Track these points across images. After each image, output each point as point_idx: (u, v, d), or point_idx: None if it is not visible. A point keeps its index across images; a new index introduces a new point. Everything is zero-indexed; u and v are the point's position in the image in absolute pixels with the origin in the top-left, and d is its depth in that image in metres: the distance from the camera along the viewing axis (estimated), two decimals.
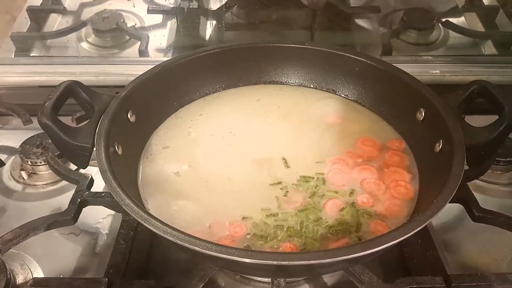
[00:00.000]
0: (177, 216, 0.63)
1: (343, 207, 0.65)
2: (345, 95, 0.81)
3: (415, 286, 0.62)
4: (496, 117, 0.64)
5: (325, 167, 0.70)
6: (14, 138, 0.91)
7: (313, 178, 0.69)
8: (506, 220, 0.70)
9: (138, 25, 1.19)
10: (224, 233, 0.61)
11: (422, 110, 0.70)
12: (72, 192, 0.75)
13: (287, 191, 0.67)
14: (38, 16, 1.18)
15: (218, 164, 0.71)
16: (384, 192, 0.67)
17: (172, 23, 1.18)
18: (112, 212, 0.77)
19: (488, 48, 1.13)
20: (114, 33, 1.14)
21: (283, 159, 0.71)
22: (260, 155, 0.72)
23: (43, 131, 0.62)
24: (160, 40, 1.14)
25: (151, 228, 0.52)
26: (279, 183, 0.68)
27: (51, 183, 0.84)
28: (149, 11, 1.19)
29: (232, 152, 0.73)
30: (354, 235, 0.61)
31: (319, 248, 0.59)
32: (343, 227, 0.62)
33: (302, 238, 0.61)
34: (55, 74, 0.98)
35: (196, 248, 0.49)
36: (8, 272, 0.63)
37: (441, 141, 0.65)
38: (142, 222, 0.52)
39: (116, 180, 0.57)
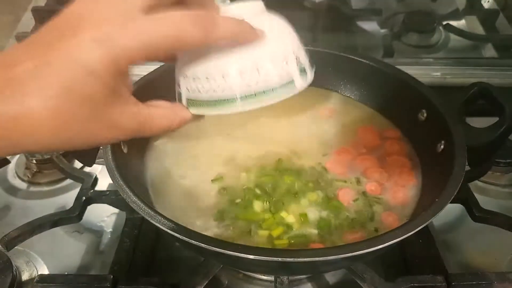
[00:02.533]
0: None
1: (357, 198, 0.65)
2: (347, 96, 0.82)
3: (416, 284, 0.62)
4: (496, 119, 0.65)
5: (329, 159, 0.71)
6: None
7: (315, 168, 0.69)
8: (506, 220, 0.71)
9: None
10: None
11: (424, 111, 0.70)
12: (77, 190, 0.76)
13: None
14: (42, 16, 1.18)
15: (220, 165, 0.70)
16: (388, 180, 0.68)
17: None
18: (116, 210, 0.78)
19: (488, 51, 1.14)
20: None
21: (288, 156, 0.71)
22: (263, 153, 0.71)
23: None
24: None
25: (157, 224, 0.52)
26: None
27: (56, 181, 0.85)
28: None
29: (232, 154, 0.71)
30: (370, 226, 0.62)
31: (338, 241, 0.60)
32: (361, 219, 0.62)
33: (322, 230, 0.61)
34: None
35: (203, 245, 0.49)
36: (14, 269, 0.63)
37: (443, 142, 0.65)
38: (148, 219, 0.53)
39: (122, 178, 0.57)
